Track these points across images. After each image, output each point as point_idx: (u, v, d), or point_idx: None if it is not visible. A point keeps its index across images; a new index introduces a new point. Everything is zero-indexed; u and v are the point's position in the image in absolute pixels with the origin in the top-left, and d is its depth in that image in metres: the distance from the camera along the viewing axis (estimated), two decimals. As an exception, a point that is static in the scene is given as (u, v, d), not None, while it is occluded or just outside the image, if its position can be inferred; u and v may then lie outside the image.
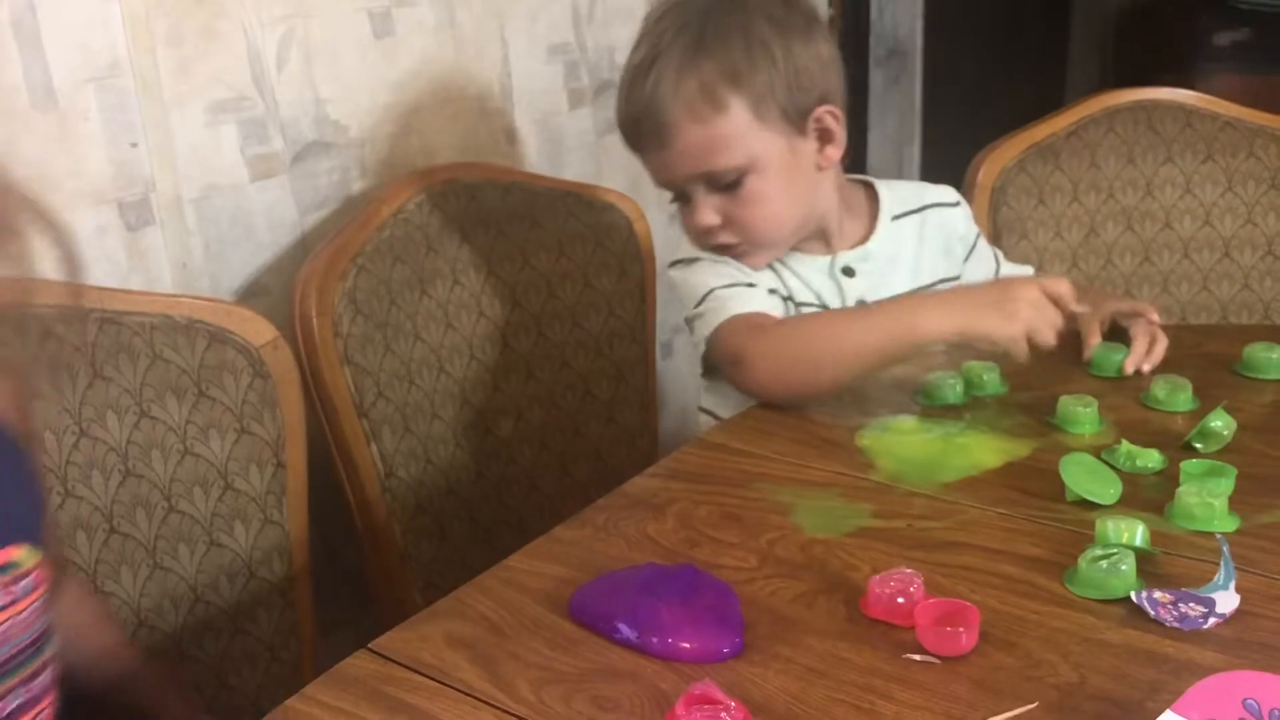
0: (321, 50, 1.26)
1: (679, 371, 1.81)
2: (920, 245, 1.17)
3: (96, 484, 0.98)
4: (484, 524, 1.30)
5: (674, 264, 1.15)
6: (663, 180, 1.10)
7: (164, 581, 1.01)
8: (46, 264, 1.03)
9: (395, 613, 1.22)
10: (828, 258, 1.14)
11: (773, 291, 1.11)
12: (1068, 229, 1.56)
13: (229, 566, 1.06)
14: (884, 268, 1.14)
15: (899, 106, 2.49)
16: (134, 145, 1.12)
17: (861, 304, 1.11)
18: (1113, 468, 0.86)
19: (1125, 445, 0.88)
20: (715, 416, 1.14)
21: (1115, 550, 0.73)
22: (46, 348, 0.96)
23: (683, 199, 1.10)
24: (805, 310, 1.11)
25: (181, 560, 1.03)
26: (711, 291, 1.08)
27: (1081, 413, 0.93)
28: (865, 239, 1.15)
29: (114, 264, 1.11)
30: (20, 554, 0.66)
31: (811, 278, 1.13)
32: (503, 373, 1.34)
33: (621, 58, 1.63)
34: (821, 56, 1.06)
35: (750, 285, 1.09)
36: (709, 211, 1.07)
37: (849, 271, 1.13)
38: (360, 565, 1.22)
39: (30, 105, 1.04)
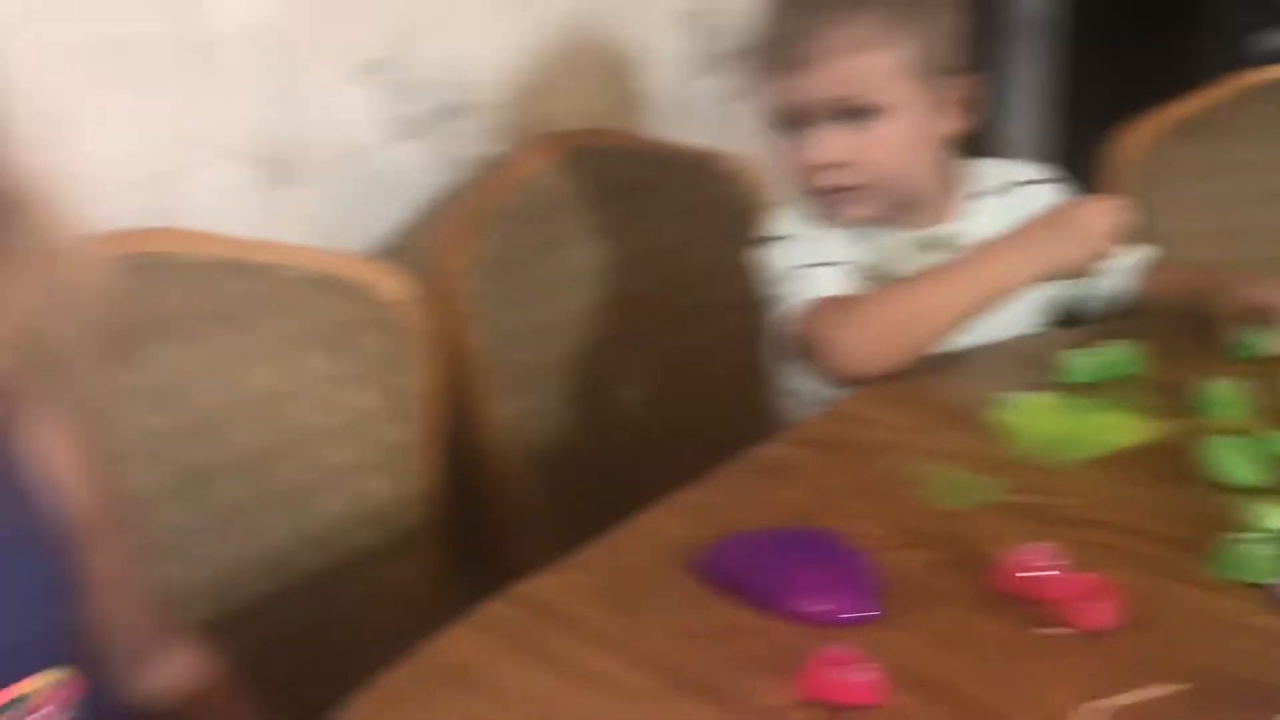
0: (463, 12, 1.29)
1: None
2: (1002, 222, 1.14)
3: (245, 430, 1.03)
4: (604, 484, 1.32)
5: (754, 242, 1.14)
6: (791, 106, 1.06)
7: (307, 526, 1.06)
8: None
9: (519, 565, 1.25)
10: (910, 232, 1.12)
11: (847, 266, 1.09)
12: (1196, 210, 1.50)
13: (367, 514, 1.09)
14: (964, 245, 1.12)
15: (1033, 81, 2.44)
16: (279, 103, 1.16)
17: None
18: (1259, 451, 0.84)
19: (1272, 430, 0.85)
20: (798, 399, 1.13)
21: (1262, 534, 0.71)
22: (198, 298, 1.01)
23: (797, 131, 1.06)
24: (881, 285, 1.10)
25: (322, 506, 1.07)
26: (791, 270, 1.07)
27: (1225, 395, 0.91)
28: (948, 216, 1.13)
29: (257, 219, 1.15)
30: (34, 686, 0.63)
31: (891, 250, 1.12)
32: (626, 338, 1.35)
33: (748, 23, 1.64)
34: (966, 29, 1.05)
35: (829, 265, 1.07)
36: (833, 146, 1.05)
37: (930, 246, 1.11)
38: (488, 517, 1.26)
39: (188, 62, 1.08)
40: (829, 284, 1.05)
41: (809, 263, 1.07)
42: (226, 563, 1.01)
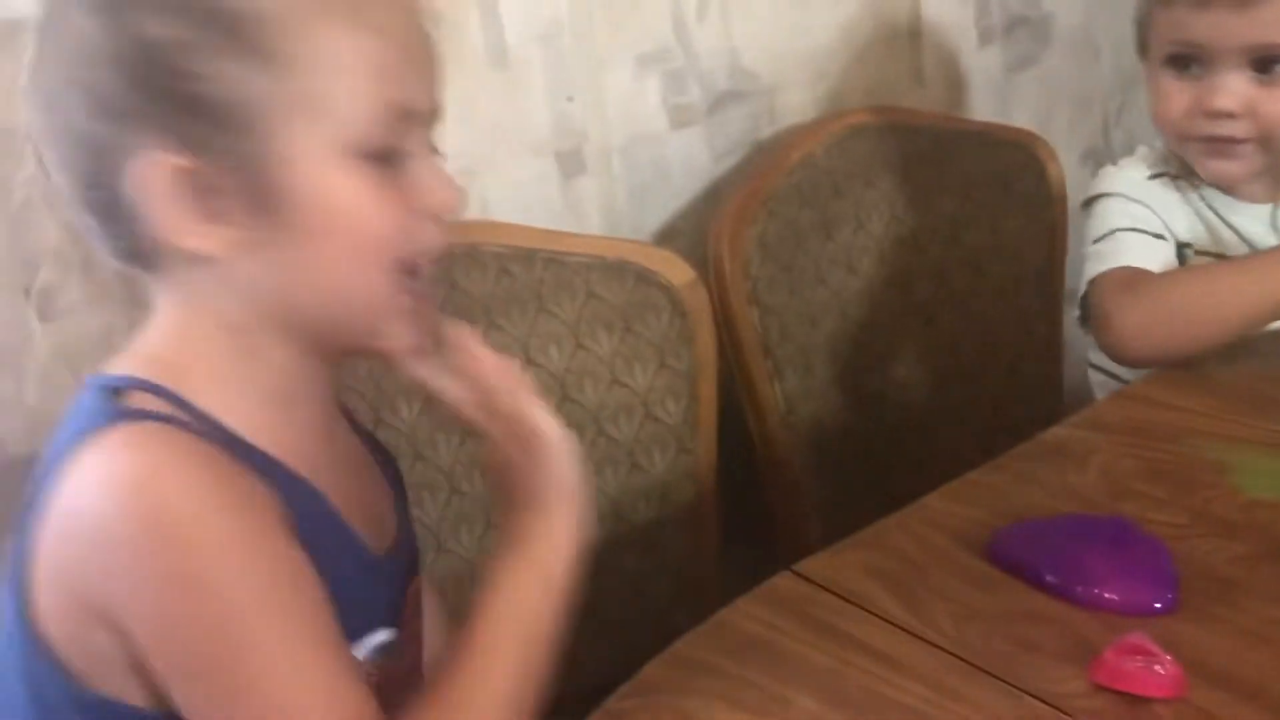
0: (737, 2, 1.31)
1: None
2: None
3: (539, 408, 1.09)
4: (879, 464, 1.32)
5: (1087, 201, 1.10)
6: (1193, 42, 0.99)
7: (595, 500, 1.11)
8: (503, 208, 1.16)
9: (792, 542, 1.28)
10: (1269, 205, 1.05)
11: (1186, 246, 1.04)
12: None
13: (647, 488, 1.14)
14: None
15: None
16: (570, 99, 1.22)
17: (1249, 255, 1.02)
18: None
19: None
20: (1110, 375, 1.09)
21: None
22: (501, 284, 1.08)
23: (1189, 71, 1.00)
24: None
25: (606, 480, 1.13)
26: (1113, 233, 1.02)
27: None
28: None
29: (551, 209, 1.22)
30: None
31: (1246, 226, 1.05)
32: (902, 318, 1.34)
33: (1038, -8, 1.58)
34: None
35: (1148, 234, 1.02)
36: (1238, 94, 0.98)
37: None
38: (761, 495, 1.28)
39: (486, 63, 1.16)
40: (1139, 254, 1.00)
41: (1128, 226, 1.02)
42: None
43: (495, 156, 1.17)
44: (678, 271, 1.15)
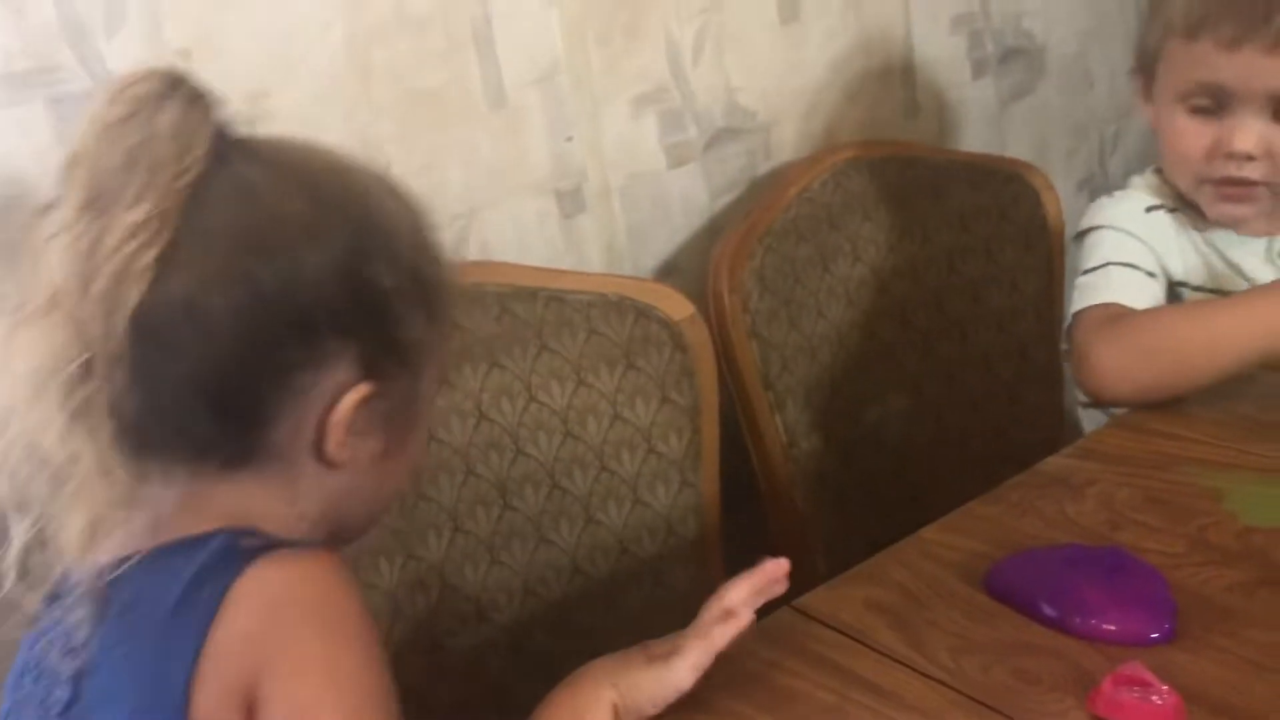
0: (733, 40, 1.33)
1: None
2: None
3: (542, 443, 1.10)
4: (882, 495, 1.33)
5: (1081, 233, 1.10)
6: (1214, 84, 0.97)
7: (595, 534, 1.12)
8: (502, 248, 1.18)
9: (797, 575, 1.28)
10: (1265, 239, 1.05)
11: (1181, 285, 1.04)
12: None
13: (651, 523, 1.15)
14: None
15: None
16: (569, 139, 1.23)
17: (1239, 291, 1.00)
18: None
19: None
20: (1098, 408, 1.08)
21: None
22: (503, 323, 1.09)
23: (1210, 112, 0.99)
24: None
25: (611, 515, 1.13)
26: (1105, 266, 1.01)
27: None
28: None
29: (552, 248, 1.23)
30: None
31: (1243, 260, 1.05)
32: (901, 348, 1.35)
33: (1028, 24, 1.61)
34: None
35: (1150, 275, 1.01)
36: (1258, 137, 0.97)
37: None
38: (764, 528, 1.29)
39: (485, 105, 1.17)
40: (1128, 291, 0.99)
41: (1121, 261, 1.01)
42: (529, 567, 1.09)
43: (496, 196, 1.19)
44: (677, 307, 1.17)
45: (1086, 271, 1.03)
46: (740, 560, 1.28)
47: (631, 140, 1.28)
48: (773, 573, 0.69)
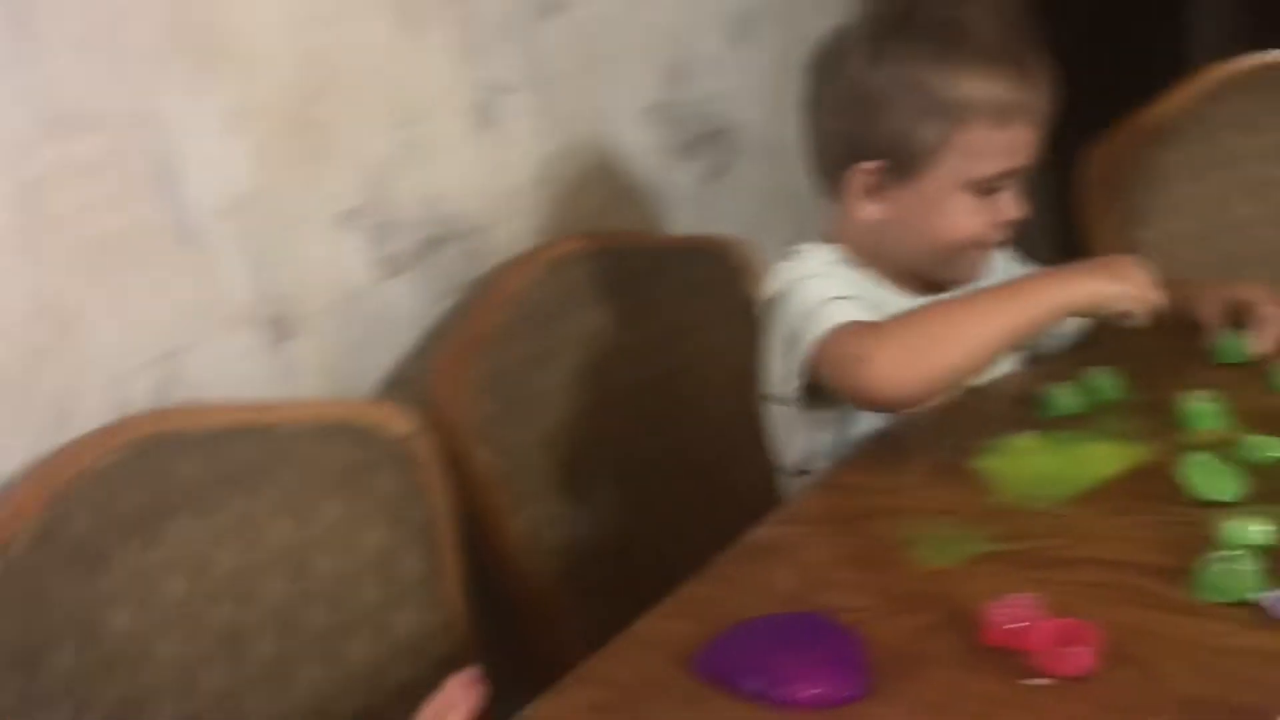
0: (431, 149, 1.34)
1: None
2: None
3: (269, 586, 1.06)
4: (636, 579, 1.33)
5: (776, 294, 1.10)
6: (1006, 161, 1.04)
7: (340, 670, 1.09)
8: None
9: (560, 674, 1.27)
10: (919, 297, 1.10)
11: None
12: (1195, 211, 1.51)
13: (398, 651, 1.12)
14: None
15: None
16: (270, 266, 1.21)
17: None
18: (1240, 462, 0.84)
19: (1250, 437, 0.86)
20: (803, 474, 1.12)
21: (1238, 551, 0.72)
22: (211, 468, 1.05)
23: (992, 187, 1.05)
24: None
25: (354, 650, 1.10)
26: (828, 301, 1.02)
27: (1204, 408, 0.91)
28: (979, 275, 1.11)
29: (264, 379, 1.20)
30: None
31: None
32: (636, 431, 1.38)
33: (719, 106, 1.69)
34: None
35: (856, 300, 1.04)
36: (1019, 201, 1.06)
37: None
38: (521, 632, 1.28)
39: (174, 243, 1.14)
40: (859, 315, 1.01)
41: (835, 295, 1.03)
42: (271, 718, 1.04)
43: (197, 335, 1.15)
44: (399, 423, 1.15)
45: (808, 310, 1.03)
46: (501, 670, 1.27)
47: (337, 259, 1.26)
48: (451, 694, 0.68)
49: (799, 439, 1.13)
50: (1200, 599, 0.72)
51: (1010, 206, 1.05)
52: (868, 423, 1.06)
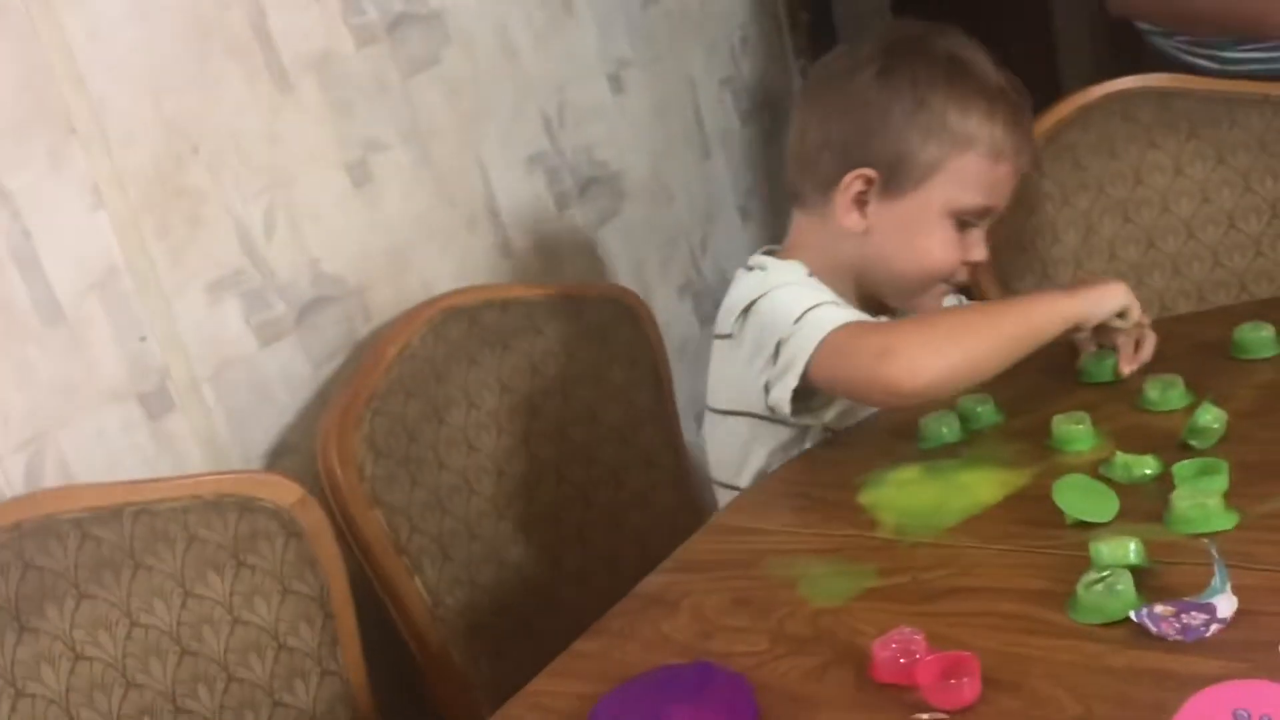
0: (306, 211, 1.32)
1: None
2: None
3: (155, 669, 1.03)
4: (541, 634, 1.32)
5: (753, 302, 1.08)
6: (989, 197, 1.09)
7: (232, 750, 1.05)
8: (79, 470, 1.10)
9: (468, 737, 1.25)
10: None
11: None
12: (1064, 232, 1.56)
13: (298, 723, 1.09)
14: None
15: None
16: (142, 339, 1.18)
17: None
18: (1111, 481, 0.86)
19: (1120, 456, 0.88)
20: (733, 488, 1.14)
21: (1111, 571, 0.73)
22: (86, 551, 1.02)
23: (963, 226, 1.10)
24: None
25: (250, 727, 1.07)
26: (815, 307, 1.02)
27: (1075, 430, 0.94)
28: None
29: (143, 455, 1.17)
30: None
31: None
32: (533, 482, 1.37)
33: (600, 154, 1.70)
34: None
35: (840, 305, 1.06)
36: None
37: None
38: (426, 699, 1.25)
39: (39, 323, 1.11)
40: (852, 315, 1.02)
41: (821, 301, 1.03)
42: (163, 807, 1.00)
43: (68, 414, 1.11)
44: (285, 493, 1.13)
45: (796, 320, 1.02)
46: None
47: (213, 327, 1.24)
48: None
49: (751, 453, 1.13)
50: (1079, 621, 0.73)
51: (977, 248, 1.10)
52: (819, 435, 1.09)
